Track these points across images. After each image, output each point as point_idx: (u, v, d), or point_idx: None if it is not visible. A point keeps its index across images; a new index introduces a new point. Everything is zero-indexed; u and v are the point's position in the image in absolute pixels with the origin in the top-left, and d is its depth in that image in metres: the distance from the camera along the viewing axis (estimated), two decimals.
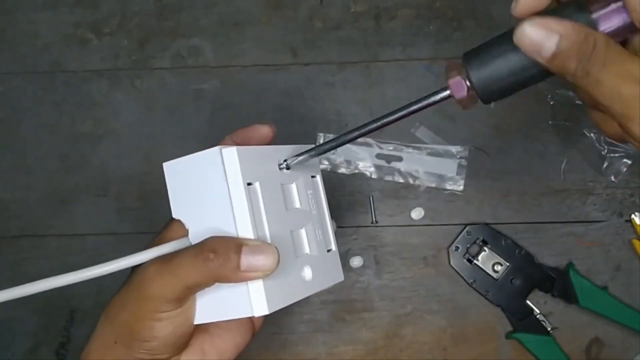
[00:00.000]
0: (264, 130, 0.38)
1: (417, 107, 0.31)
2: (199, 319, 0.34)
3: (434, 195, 0.56)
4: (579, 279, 0.54)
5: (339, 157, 0.57)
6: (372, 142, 0.56)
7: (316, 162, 0.40)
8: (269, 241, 0.33)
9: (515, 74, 0.28)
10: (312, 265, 0.36)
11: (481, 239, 0.55)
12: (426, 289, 0.56)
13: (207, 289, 0.33)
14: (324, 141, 0.56)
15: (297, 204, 0.37)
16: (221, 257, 0.31)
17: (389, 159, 0.56)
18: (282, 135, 0.57)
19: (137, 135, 0.58)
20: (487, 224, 0.56)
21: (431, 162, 0.56)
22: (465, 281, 0.55)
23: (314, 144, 0.36)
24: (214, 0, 0.59)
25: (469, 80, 0.29)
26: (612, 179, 0.55)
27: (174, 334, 0.33)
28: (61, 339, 0.56)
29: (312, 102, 0.57)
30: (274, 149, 0.36)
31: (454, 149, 0.56)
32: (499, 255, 0.55)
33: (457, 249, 0.55)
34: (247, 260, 0.31)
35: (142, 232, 0.56)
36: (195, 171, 0.34)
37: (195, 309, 0.34)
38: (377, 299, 0.56)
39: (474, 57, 0.29)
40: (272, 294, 0.32)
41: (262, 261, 0.31)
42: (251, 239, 0.32)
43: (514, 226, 0.56)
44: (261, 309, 0.32)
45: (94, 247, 0.57)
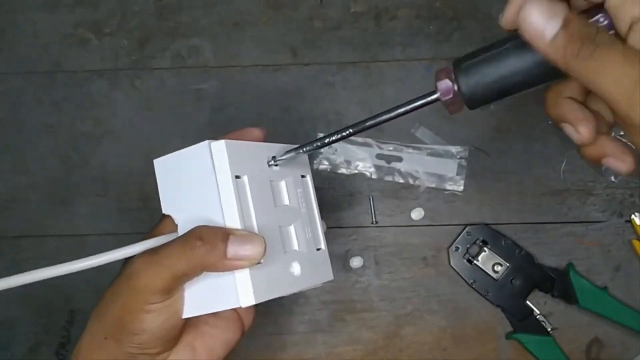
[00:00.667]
0: (256, 132, 0.38)
1: (405, 109, 0.32)
2: (187, 313, 0.34)
3: (434, 195, 0.56)
4: (579, 280, 0.54)
5: (339, 157, 0.57)
6: (372, 142, 0.56)
7: (306, 162, 0.41)
8: (256, 232, 0.33)
9: (501, 81, 0.29)
10: (301, 261, 0.36)
11: (481, 239, 0.55)
12: (426, 289, 0.56)
13: (194, 281, 0.33)
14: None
15: (286, 201, 0.38)
16: (208, 245, 0.31)
17: (389, 159, 0.56)
18: (282, 135, 0.57)
19: (137, 135, 0.58)
20: (487, 224, 0.55)
21: (431, 163, 0.56)
22: (465, 281, 0.55)
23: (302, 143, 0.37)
24: (214, 0, 0.59)
25: (457, 84, 0.29)
26: (612, 179, 0.55)
27: (163, 326, 0.33)
28: (61, 339, 0.56)
29: (312, 102, 0.57)
30: (264, 146, 0.37)
31: (454, 149, 0.56)
32: (499, 255, 0.55)
33: (457, 249, 0.55)
34: (234, 248, 0.31)
35: (142, 232, 0.56)
36: (185, 166, 0.35)
37: (183, 303, 0.34)
38: (377, 299, 0.56)
39: (462, 63, 0.29)
40: (259, 284, 0.32)
41: (249, 250, 0.31)
42: (238, 229, 0.32)
43: (514, 226, 0.56)
44: (248, 299, 0.32)
45: (94, 247, 0.57)
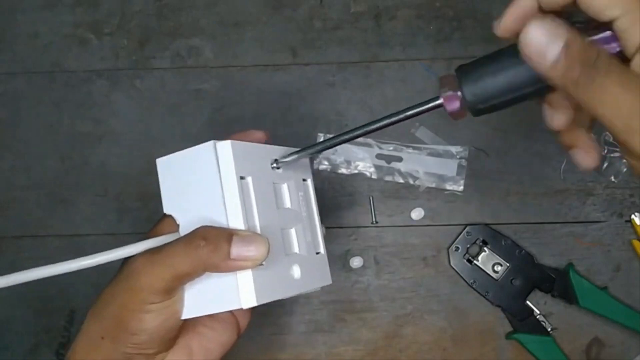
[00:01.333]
0: (258, 135, 0.38)
1: (409, 113, 0.32)
2: (187, 314, 0.34)
3: (434, 195, 0.56)
4: (579, 279, 0.54)
5: (339, 157, 0.57)
6: (372, 142, 0.56)
7: (308, 165, 0.41)
8: (260, 233, 0.33)
9: (506, 92, 0.29)
10: (301, 264, 0.36)
11: (481, 239, 0.55)
12: (426, 290, 0.56)
13: (195, 282, 0.33)
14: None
15: (288, 204, 0.38)
16: (212, 245, 0.31)
17: (389, 159, 0.56)
18: (282, 135, 0.57)
19: (137, 135, 0.58)
20: (487, 224, 0.55)
21: (431, 163, 0.56)
22: (465, 281, 0.55)
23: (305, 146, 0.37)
24: (214, 0, 0.59)
25: (462, 93, 0.30)
26: (612, 179, 0.55)
27: (162, 327, 0.33)
28: (61, 339, 0.56)
29: (312, 102, 0.57)
30: (268, 148, 0.37)
31: (454, 149, 0.56)
32: (499, 255, 0.55)
33: (457, 249, 0.55)
34: (238, 249, 0.31)
35: (142, 232, 0.56)
36: (188, 166, 0.34)
37: (183, 303, 0.34)
38: (377, 299, 0.56)
39: (467, 72, 0.30)
40: (261, 286, 0.32)
41: (253, 251, 0.31)
42: (242, 230, 0.32)
43: (514, 226, 0.56)
44: (249, 300, 0.32)
45: (94, 247, 0.57)
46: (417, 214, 0.56)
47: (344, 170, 0.57)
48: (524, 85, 0.29)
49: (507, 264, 0.55)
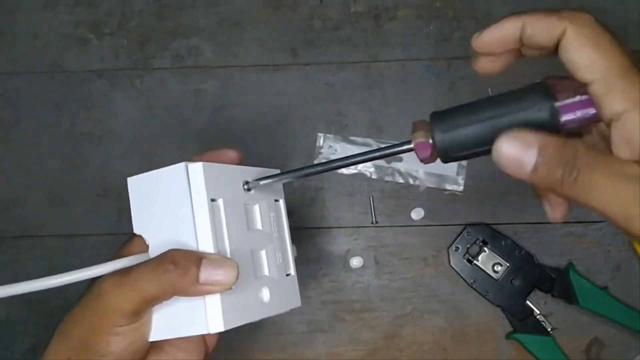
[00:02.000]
0: (231, 154, 0.38)
1: (380, 154, 0.32)
2: (154, 336, 0.34)
3: (434, 195, 0.56)
4: (579, 279, 0.54)
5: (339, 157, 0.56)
6: (372, 142, 0.56)
7: (280, 187, 0.40)
8: (229, 257, 0.33)
9: (478, 144, 0.29)
10: (270, 287, 0.36)
11: (481, 239, 0.55)
12: (426, 289, 0.56)
13: (163, 305, 0.33)
14: (323, 141, 0.56)
15: (259, 226, 0.37)
16: (180, 269, 0.31)
17: (389, 159, 0.56)
18: (282, 135, 0.57)
19: (137, 135, 0.58)
20: (487, 224, 0.55)
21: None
22: (465, 281, 0.55)
23: (290, 164, 0.37)
24: (214, 0, 0.59)
25: (433, 141, 0.30)
26: None
27: (129, 349, 0.33)
28: None
29: (312, 102, 0.57)
30: (240, 169, 0.37)
31: None
32: (499, 255, 0.55)
33: (457, 249, 0.55)
34: (207, 273, 0.31)
35: None
36: (159, 186, 0.34)
37: (150, 326, 0.33)
38: (377, 299, 0.56)
39: (441, 121, 0.29)
40: (229, 311, 0.32)
41: (222, 275, 0.31)
42: (211, 253, 0.32)
43: (514, 226, 0.56)
44: (217, 325, 0.31)
45: (94, 247, 0.57)
46: (417, 214, 0.56)
47: (344, 170, 0.57)
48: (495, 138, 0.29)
49: (507, 264, 0.55)
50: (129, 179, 0.36)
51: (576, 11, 0.27)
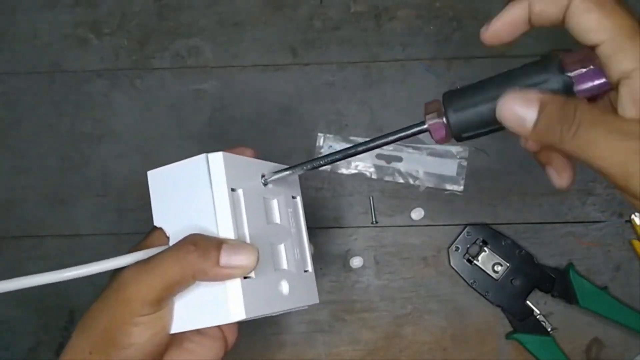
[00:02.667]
0: (248, 152, 0.38)
1: (395, 137, 0.33)
2: (176, 328, 0.33)
3: (434, 195, 0.56)
4: (579, 279, 0.54)
5: None
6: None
7: (297, 183, 0.41)
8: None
9: (490, 124, 0.29)
10: (289, 281, 0.36)
11: (481, 239, 0.55)
12: (426, 289, 0.56)
13: (184, 295, 0.33)
14: (323, 141, 0.56)
15: (278, 220, 0.38)
16: (201, 250, 0.31)
17: (389, 159, 0.56)
18: (282, 135, 0.57)
19: (137, 135, 0.58)
20: (487, 224, 0.55)
21: (431, 163, 0.56)
22: (465, 281, 0.55)
23: (292, 164, 0.37)
24: (213, 0, 0.59)
25: (447, 121, 0.30)
26: None
27: (151, 341, 0.32)
28: (61, 339, 0.56)
29: (312, 102, 0.57)
30: (259, 162, 0.37)
31: (454, 149, 0.56)
32: (499, 255, 0.55)
33: (457, 249, 0.55)
34: (227, 256, 0.31)
35: (142, 233, 0.56)
36: (180, 178, 0.34)
37: (172, 318, 0.33)
38: (377, 299, 0.56)
39: (453, 101, 0.30)
40: (250, 299, 0.32)
41: (242, 260, 0.31)
42: (232, 239, 0.32)
43: (514, 226, 0.56)
44: (238, 313, 0.31)
45: (94, 247, 0.57)
46: (417, 214, 0.56)
47: (344, 170, 0.57)
48: None
49: (507, 264, 0.55)
50: (149, 173, 0.36)
51: None
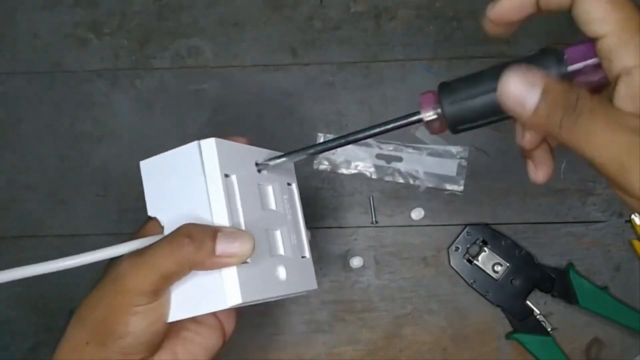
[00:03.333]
0: (241, 140, 0.38)
1: (390, 126, 0.33)
2: (173, 316, 0.33)
3: (434, 195, 0.56)
4: (579, 279, 0.54)
5: (339, 157, 0.57)
6: (372, 142, 0.56)
7: (292, 170, 0.41)
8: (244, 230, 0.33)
9: (486, 114, 0.29)
10: (287, 266, 0.36)
11: (481, 239, 0.55)
12: (426, 289, 0.56)
13: (180, 284, 0.33)
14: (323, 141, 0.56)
15: (273, 206, 0.38)
16: (196, 242, 0.31)
17: (389, 159, 0.56)
18: (282, 135, 0.57)
19: (137, 135, 0.58)
20: (487, 224, 0.55)
21: (431, 163, 0.56)
22: (465, 281, 0.55)
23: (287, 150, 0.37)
24: (214, 0, 0.59)
25: (442, 111, 0.30)
26: None
27: (148, 330, 0.32)
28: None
29: (312, 102, 0.57)
30: (252, 149, 0.37)
31: (454, 149, 0.56)
32: (499, 255, 0.55)
33: (457, 249, 0.55)
34: (222, 245, 0.31)
35: None
36: (173, 167, 0.34)
37: (169, 307, 0.33)
38: (377, 299, 0.56)
39: (449, 91, 0.30)
40: (246, 283, 0.32)
41: (238, 247, 0.31)
42: (227, 227, 0.32)
43: (514, 226, 0.56)
44: (234, 297, 0.31)
45: (94, 247, 0.56)
46: (417, 214, 0.56)
47: (344, 170, 0.57)
48: (499, 110, 0.29)
49: (507, 264, 0.55)
50: (141, 162, 0.36)
51: None
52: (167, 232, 0.34)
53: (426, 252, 0.56)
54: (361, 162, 0.56)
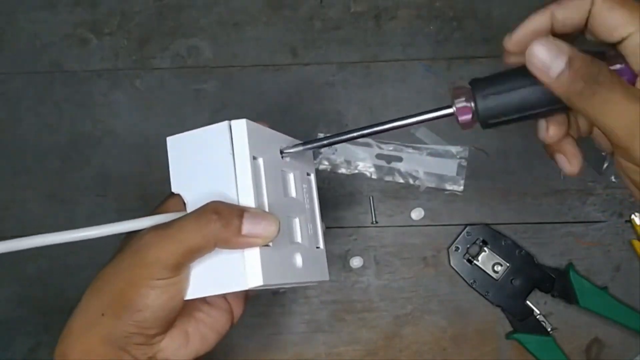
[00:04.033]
0: (267, 126, 0.39)
1: (420, 118, 0.33)
2: (191, 294, 0.33)
3: (434, 195, 0.56)
4: (579, 279, 0.54)
5: (339, 157, 0.57)
6: (372, 142, 0.56)
7: (312, 160, 0.41)
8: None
9: (518, 110, 0.31)
10: (303, 254, 0.37)
11: (481, 239, 0.55)
12: (426, 289, 0.56)
13: (201, 261, 0.33)
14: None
15: (294, 194, 0.38)
16: (224, 220, 0.31)
17: (389, 159, 0.56)
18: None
19: (137, 135, 0.58)
20: (487, 224, 0.55)
21: (431, 163, 0.56)
22: (465, 281, 0.55)
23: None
24: (213, 0, 0.59)
25: (475, 106, 0.31)
26: (612, 179, 0.55)
27: (165, 305, 0.32)
28: None
29: (312, 102, 0.57)
30: (278, 135, 0.38)
31: (454, 149, 0.56)
32: (499, 255, 0.55)
33: (457, 249, 0.55)
34: (249, 225, 0.31)
35: None
36: (201, 145, 0.35)
37: (187, 284, 0.33)
38: (377, 299, 0.56)
39: (482, 87, 0.31)
40: (267, 266, 0.32)
41: (263, 229, 0.31)
42: (253, 207, 0.32)
43: (514, 226, 0.56)
44: (256, 279, 0.32)
45: (94, 247, 0.57)
46: (417, 214, 0.56)
47: (344, 170, 0.57)
48: (536, 105, 0.31)
49: (507, 264, 0.55)
50: (168, 138, 0.36)
51: None
52: (190, 209, 0.34)
53: (426, 252, 0.56)
54: (361, 162, 0.56)
